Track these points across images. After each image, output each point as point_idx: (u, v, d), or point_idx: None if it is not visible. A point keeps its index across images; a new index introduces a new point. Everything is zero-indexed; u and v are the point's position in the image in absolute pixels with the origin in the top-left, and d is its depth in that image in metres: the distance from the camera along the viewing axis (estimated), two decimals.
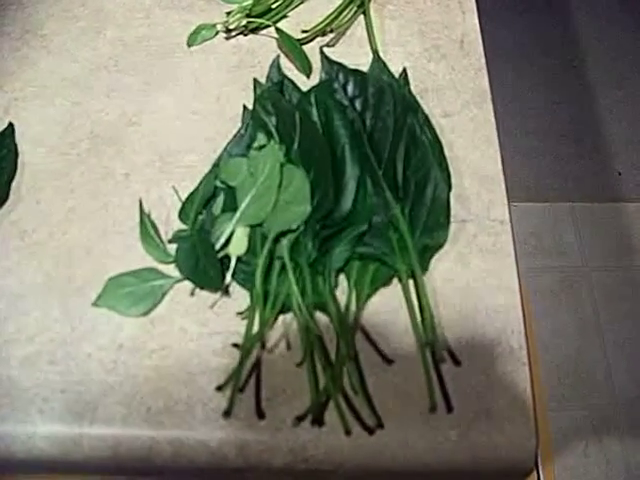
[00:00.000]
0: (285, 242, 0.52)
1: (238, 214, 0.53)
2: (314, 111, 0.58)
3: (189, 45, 0.68)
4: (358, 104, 0.59)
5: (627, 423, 1.32)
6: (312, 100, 0.59)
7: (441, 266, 0.54)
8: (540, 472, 1.31)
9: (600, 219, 1.56)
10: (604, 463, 1.29)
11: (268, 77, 0.63)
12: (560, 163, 1.64)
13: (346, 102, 0.60)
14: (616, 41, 1.83)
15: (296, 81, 0.63)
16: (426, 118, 0.59)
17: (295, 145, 0.55)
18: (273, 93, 0.60)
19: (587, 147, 1.66)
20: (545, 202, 1.58)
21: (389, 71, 0.63)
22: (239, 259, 0.53)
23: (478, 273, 0.54)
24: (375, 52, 0.65)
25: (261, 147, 0.56)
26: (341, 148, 0.55)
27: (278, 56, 0.65)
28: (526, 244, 1.51)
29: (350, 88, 0.60)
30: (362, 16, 0.69)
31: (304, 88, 0.62)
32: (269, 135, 0.57)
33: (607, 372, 1.37)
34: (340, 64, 0.63)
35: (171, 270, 0.54)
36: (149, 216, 0.57)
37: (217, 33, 0.69)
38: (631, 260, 1.50)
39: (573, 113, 1.71)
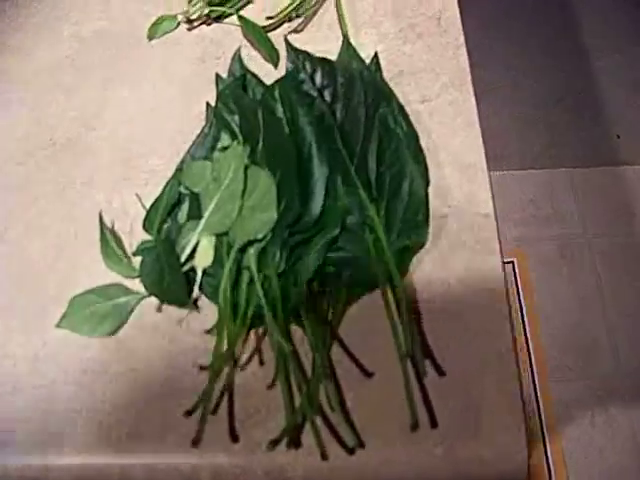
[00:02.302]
0: (252, 252, 0.49)
1: (202, 223, 0.50)
2: (279, 107, 0.54)
3: (149, 38, 0.65)
4: (327, 95, 0.56)
5: (632, 391, 1.30)
6: (276, 95, 0.55)
7: (422, 267, 0.51)
8: (547, 444, 1.29)
9: (599, 184, 1.52)
10: (610, 432, 1.27)
11: (229, 71, 0.59)
12: (557, 128, 1.60)
13: (314, 93, 0.56)
14: (612, 4, 1.77)
15: (264, 71, 0.60)
16: (400, 107, 0.55)
17: (259, 145, 0.52)
18: (235, 90, 0.56)
19: (585, 111, 1.62)
20: (543, 169, 1.54)
21: (359, 57, 0.59)
22: (205, 271, 0.49)
23: (461, 273, 0.50)
24: (345, 37, 0.61)
25: (225, 148, 0.52)
26: (308, 146, 0.52)
27: (239, 48, 0.61)
28: (525, 212, 1.48)
29: (318, 78, 0.57)
30: None
31: (272, 78, 0.58)
32: (233, 135, 0.53)
33: (610, 341, 1.35)
34: (307, 53, 0.59)
35: (138, 284, 0.51)
36: (112, 228, 0.54)
37: (179, 24, 0.65)
38: (632, 226, 1.47)
39: (570, 78, 1.67)
